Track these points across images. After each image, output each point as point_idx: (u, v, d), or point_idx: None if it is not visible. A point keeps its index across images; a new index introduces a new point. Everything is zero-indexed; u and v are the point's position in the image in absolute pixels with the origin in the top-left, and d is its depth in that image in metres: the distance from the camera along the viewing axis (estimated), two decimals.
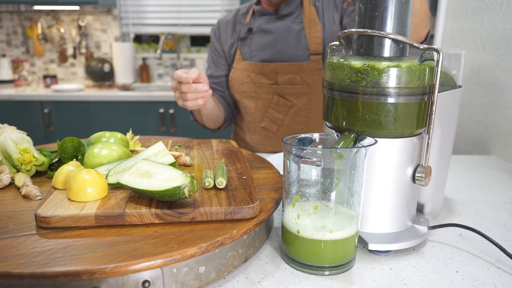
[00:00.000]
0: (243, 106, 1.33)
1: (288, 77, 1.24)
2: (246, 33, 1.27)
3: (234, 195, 0.64)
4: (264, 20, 1.25)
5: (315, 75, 1.24)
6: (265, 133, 1.32)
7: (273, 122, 1.29)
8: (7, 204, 0.66)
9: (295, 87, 1.24)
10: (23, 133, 0.84)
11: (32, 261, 0.49)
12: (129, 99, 2.66)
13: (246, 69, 1.27)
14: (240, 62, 1.29)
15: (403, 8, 0.62)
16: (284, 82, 1.24)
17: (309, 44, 1.22)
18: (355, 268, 0.62)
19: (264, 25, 1.25)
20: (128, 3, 3.12)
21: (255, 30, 1.26)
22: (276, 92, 1.25)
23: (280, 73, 1.24)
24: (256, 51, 1.26)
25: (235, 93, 1.34)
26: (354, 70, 0.62)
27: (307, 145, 0.64)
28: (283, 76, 1.24)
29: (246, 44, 1.28)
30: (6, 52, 3.18)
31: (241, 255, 0.61)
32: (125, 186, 0.62)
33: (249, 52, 1.27)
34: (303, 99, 1.25)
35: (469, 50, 1.47)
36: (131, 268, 0.48)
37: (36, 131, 2.71)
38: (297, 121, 1.28)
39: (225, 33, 1.33)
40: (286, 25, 1.23)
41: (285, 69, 1.23)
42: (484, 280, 0.59)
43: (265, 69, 1.24)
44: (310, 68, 1.23)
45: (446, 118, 0.72)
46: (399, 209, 0.66)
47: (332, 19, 1.22)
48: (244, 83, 1.29)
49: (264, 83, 1.26)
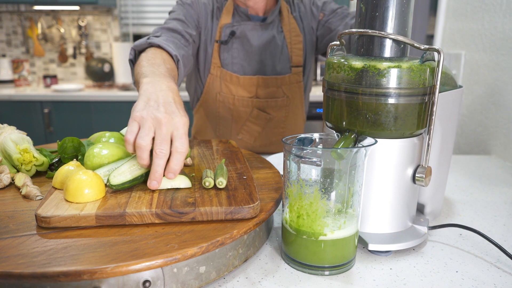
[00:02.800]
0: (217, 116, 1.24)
1: (270, 90, 1.18)
2: (229, 36, 1.15)
3: (235, 195, 0.64)
4: (249, 27, 1.16)
5: (295, 87, 1.20)
6: (240, 143, 1.27)
7: (250, 135, 1.24)
8: (7, 204, 0.66)
9: (276, 100, 1.19)
10: (23, 133, 0.84)
11: (33, 261, 0.49)
12: (129, 99, 2.66)
13: (225, 79, 1.18)
14: (218, 68, 1.18)
15: (404, 8, 0.62)
16: (265, 96, 1.18)
17: (291, 56, 1.18)
18: (355, 268, 0.62)
19: (248, 32, 1.15)
20: (128, 3, 3.12)
21: (238, 35, 1.15)
22: (255, 106, 1.19)
23: (261, 86, 1.17)
24: (238, 60, 1.17)
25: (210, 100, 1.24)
26: (355, 70, 0.62)
27: (307, 145, 0.64)
28: (264, 89, 1.18)
29: (226, 50, 1.16)
30: (6, 52, 3.18)
31: (242, 255, 0.61)
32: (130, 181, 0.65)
33: (229, 59, 1.17)
34: (281, 111, 1.21)
35: (469, 50, 1.47)
36: (132, 268, 0.48)
37: (36, 131, 2.71)
38: (274, 132, 1.25)
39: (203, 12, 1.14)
40: (271, 35, 1.16)
41: (267, 83, 1.17)
42: (484, 280, 0.59)
43: (246, 81, 1.17)
44: (291, 81, 1.19)
45: (446, 118, 0.72)
46: (399, 209, 0.66)
47: (311, 29, 1.20)
48: (222, 93, 1.20)
49: (243, 96, 1.18)
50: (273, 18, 1.17)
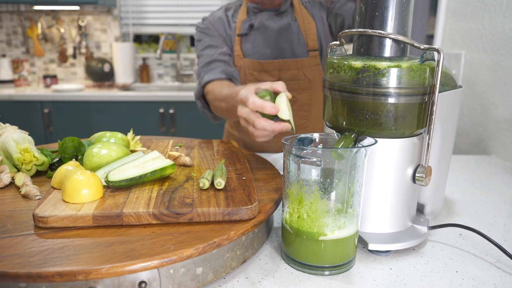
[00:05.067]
0: None
1: (291, 73, 1.25)
2: (248, 29, 1.24)
3: (233, 195, 0.64)
4: (265, 16, 1.25)
5: (314, 70, 1.26)
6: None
7: None
8: (7, 204, 0.66)
9: (298, 82, 1.25)
10: (25, 133, 0.84)
11: (29, 261, 0.49)
12: (129, 99, 2.66)
13: (248, 67, 1.26)
14: (241, 59, 1.26)
15: (403, 8, 0.61)
16: (288, 78, 1.24)
17: (307, 41, 1.24)
18: (355, 268, 0.62)
19: (265, 21, 1.24)
20: (128, 3, 3.12)
21: (257, 26, 1.24)
22: None
23: (283, 69, 1.24)
24: (258, 48, 1.25)
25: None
26: (355, 70, 0.61)
27: (307, 145, 0.64)
28: (286, 72, 1.25)
29: (247, 40, 1.25)
30: (6, 52, 3.17)
31: (239, 256, 0.60)
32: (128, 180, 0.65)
33: (251, 49, 1.25)
34: (305, 94, 1.27)
35: (469, 50, 1.47)
36: (127, 268, 0.48)
37: (36, 131, 2.71)
38: (299, 115, 1.30)
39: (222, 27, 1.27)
40: (286, 22, 1.24)
41: (288, 65, 1.24)
42: (484, 280, 0.59)
43: (268, 66, 1.24)
44: (310, 64, 1.25)
45: (446, 118, 0.71)
46: (399, 209, 0.66)
47: (321, 18, 1.26)
48: (247, 81, 1.27)
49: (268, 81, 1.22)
50: (286, 8, 1.25)
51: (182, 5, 3.13)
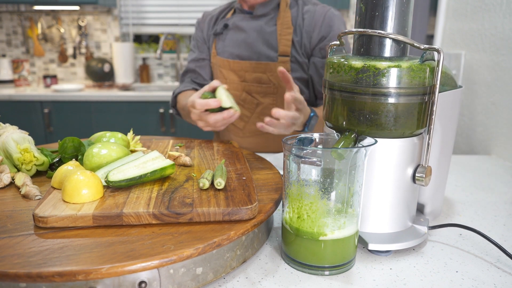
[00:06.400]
0: None
1: (256, 75, 1.27)
2: (222, 28, 1.31)
3: (233, 195, 0.64)
4: (239, 18, 1.29)
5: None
6: (232, 128, 1.35)
7: (240, 119, 1.32)
8: (7, 204, 0.66)
9: (262, 86, 1.27)
10: (25, 133, 0.83)
11: (29, 261, 0.49)
12: (129, 99, 2.66)
13: (219, 65, 1.31)
14: (214, 56, 1.33)
15: (403, 8, 0.61)
16: (252, 80, 1.27)
17: (279, 46, 1.25)
18: (355, 268, 0.62)
19: (238, 22, 1.28)
20: (128, 3, 3.12)
21: (230, 26, 1.30)
22: (244, 89, 1.28)
23: (248, 71, 1.27)
24: (229, 47, 1.29)
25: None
26: (355, 70, 0.61)
27: (307, 145, 0.64)
28: (251, 74, 1.27)
29: (221, 39, 1.32)
30: (6, 52, 3.17)
31: (239, 256, 0.60)
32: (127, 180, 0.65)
33: (222, 48, 1.30)
34: (269, 98, 1.27)
35: (469, 50, 1.47)
36: (127, 268, 0.48)
37: (36, 131, 2.71)
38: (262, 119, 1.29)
39: (208, 26, 1.38)
40: (259, 25, 1.26)
41: (253, 68, 1.26)
42: (484, 280, 0.59)
43: (235, 66, 1.28)
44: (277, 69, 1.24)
45: (446, 118, 0.71)
46: (399, 209, 0.66)
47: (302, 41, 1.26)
48: (217, 78, 1.34)
49: (234, 80, 1.29)
50: (265, 11, 1.26)
51: (182, 5, 3.13)
